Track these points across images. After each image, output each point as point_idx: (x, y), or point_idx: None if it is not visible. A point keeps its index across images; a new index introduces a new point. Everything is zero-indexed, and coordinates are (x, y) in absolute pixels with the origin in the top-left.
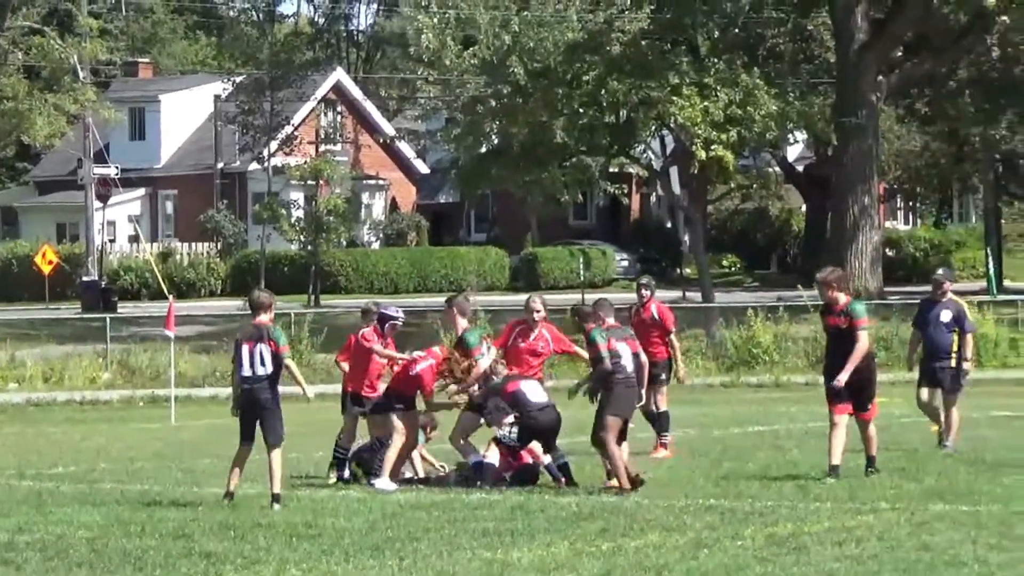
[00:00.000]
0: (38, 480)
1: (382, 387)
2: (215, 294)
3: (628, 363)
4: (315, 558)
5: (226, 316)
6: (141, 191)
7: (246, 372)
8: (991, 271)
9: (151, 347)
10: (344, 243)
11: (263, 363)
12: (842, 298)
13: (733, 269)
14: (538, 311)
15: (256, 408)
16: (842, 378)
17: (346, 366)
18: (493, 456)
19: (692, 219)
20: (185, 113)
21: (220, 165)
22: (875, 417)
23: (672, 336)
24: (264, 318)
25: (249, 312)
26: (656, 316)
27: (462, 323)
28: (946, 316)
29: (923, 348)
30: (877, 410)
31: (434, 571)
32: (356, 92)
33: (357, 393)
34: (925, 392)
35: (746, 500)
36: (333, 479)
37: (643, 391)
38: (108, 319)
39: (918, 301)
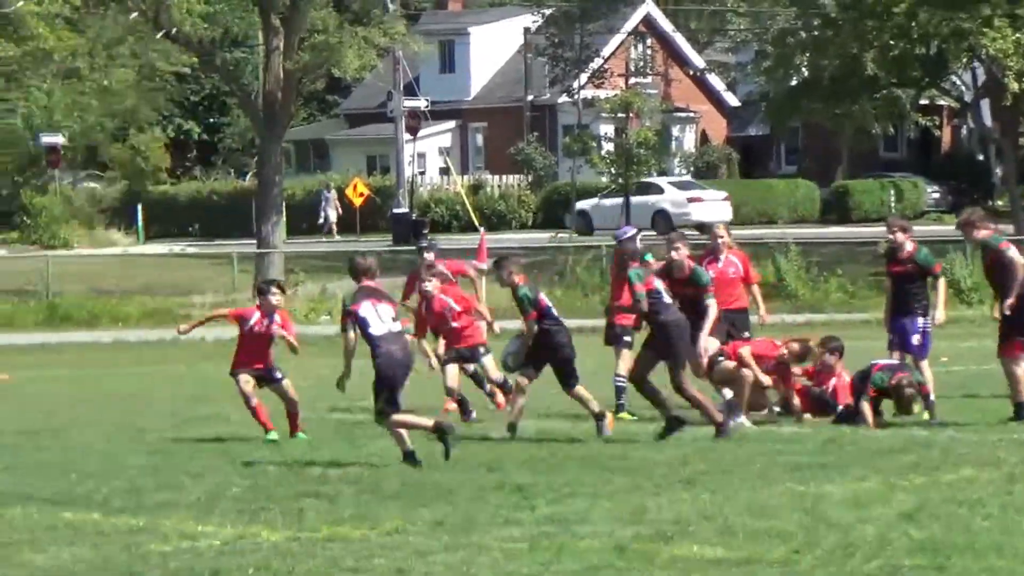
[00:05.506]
0: (349, 413)
1: None
2: (526, 226)
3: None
4: (627, 491)
5: (537, 248)
6: (451, 123)
7: (379, 330)
8: None
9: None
10: (655, 175)
11: (393, 319)
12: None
13: None
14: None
15: (402, 368)
16: None
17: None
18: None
19: (1004, 151)
20: (494, 46)
21: (530, 98)
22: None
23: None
24: (371, 283)
25: (352, 278)
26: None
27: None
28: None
29: None
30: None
31: (745, 504)
32: (666, 24)
33: None
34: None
35: None
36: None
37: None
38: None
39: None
